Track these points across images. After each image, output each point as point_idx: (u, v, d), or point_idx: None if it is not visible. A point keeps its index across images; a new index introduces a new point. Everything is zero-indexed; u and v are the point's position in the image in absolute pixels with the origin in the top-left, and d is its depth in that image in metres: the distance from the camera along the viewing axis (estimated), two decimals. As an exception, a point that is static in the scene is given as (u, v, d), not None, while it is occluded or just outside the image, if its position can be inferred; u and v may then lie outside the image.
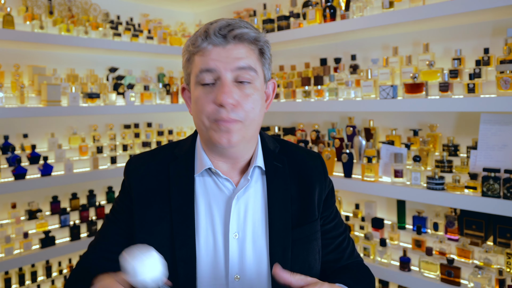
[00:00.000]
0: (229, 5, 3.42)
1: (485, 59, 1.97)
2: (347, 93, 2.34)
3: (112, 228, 1.11)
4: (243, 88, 0.98)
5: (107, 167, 2.82)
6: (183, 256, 1.00)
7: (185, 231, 1.01)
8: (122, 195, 1.13)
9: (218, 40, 0.96)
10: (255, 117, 1.00)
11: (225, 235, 1.03)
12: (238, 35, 0.97)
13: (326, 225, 1.16)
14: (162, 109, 3.07)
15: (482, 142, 1.91)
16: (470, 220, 1.99)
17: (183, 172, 1.07)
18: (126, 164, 1.13)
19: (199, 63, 0.98)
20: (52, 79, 2.64)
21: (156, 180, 1.07)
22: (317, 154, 1.21)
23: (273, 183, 1.08)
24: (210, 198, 1.05)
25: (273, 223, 1.04)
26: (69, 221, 2.65)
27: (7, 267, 2.29)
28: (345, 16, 2.32)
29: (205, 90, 0.98)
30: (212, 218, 1.04)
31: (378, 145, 2.38)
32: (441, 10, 1.88)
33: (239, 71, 0.97)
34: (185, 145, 1.13)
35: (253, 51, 1.00)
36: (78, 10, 2.88)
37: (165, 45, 3.13)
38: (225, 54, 0.96)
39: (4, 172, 2.37)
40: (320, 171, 1.16)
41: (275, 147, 1.15)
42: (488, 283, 1.79)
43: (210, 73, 0.96)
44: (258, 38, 1.01)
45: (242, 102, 0.97)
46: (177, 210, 1.03)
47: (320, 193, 1.13)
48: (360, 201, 2.55)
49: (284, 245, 1.04)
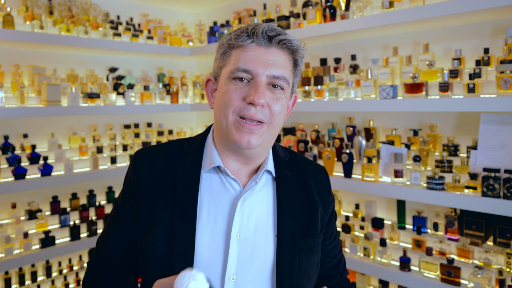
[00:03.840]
0: (229, 5, 3.42)
1: (485, 59, 1.97)
2: (347, 93, 2.34)
3: (119, 231, 1.09)
4: (274, 92, 1.00)
5: (107, 167, 2.82)
6: (181, 251, 0.99)
7: (185, 226, 1.01)
8: (127, 194, 1.10)
9: (263, 41, 0.98)
10: (279, 122, 1.02)
11: (227, 234, 1.02)
12: (283, 41, 1.00)
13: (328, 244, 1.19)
14: (162, 109, 3.07)
15: (482, 142, 1.91)
16: (470, 220, 1.99)
17: (189, 168, 1.06)
18: (133, 157, 1.12)
19: (237, 60, 0.98)
20: (52, 79, 2.64)
21: (162, 175, 1.06)
22: (322, 168, 1.23)
23: (283, 190, 1.08)
24: (215, 196, 1.05)
25: (282, 231, 1.05)
26: (69, 221, 2.65)
27: (7, 267, 2.29)
28: (345, 16, 2.32)
29: (238, 85, 0.98)
30: (215, 216, 1.03)
31: (378, 145, 2.38)
32: (441, 10, 1.88)
33: (274, 79, 0.99)
34: (194, 142, 1.13)
35: (290, 61, 1.03)
36: (78, 10, 2.88)
37: (165, 45, 3.13)
38: (266, 57, 0.98)
39: (4, 172, 2.37)
40: (324, 186, 1.18)
41: (285, 156, 1.16)
42: (488, 283, 1.79)
43: (246, 72, 0.98)
44: (298, 50, 1.05)
45: (271, 104, 0.99)
46: (180, 205, 1.02)
47: (324, 209, 1.16)
48: (360, 201, 2.55)
49: (292, 254, 1.04)
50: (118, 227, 1.10)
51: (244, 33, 0.99)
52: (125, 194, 1.11)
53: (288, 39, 1.00)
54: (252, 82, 0.98)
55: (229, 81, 0.99)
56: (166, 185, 1.05)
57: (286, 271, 1.03)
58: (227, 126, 0.99)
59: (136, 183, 1.07)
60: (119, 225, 1.10)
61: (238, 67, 0.98)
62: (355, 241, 2.27)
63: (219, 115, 1.01)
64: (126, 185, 1.12)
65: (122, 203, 1.11)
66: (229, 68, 1.00)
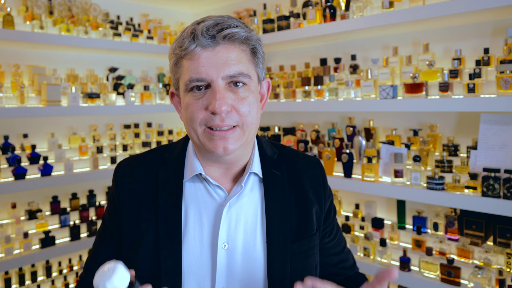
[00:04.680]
0: (229, 5, 3.42)
1: (485, 59, 1.97)
2: (347, 93, 2.34)
3: (105, 248, 1.06)
4: (237, 92, 0.92)
5: (107, 167, 2.81)
6: (167, 268, 0.94)
7: (170, 241, 0.95)
8: (111, 211, 1.06)
9: (206, 42, 0.89)
10: (252, 120, 0.94)
11: (212, 245, 0.97)
12: (228, 35, 0.90)
13: (329, 242, 1.12)
14: (162, 109, 3.07)
15: (482, 142, 1.91)
16: (470, 220, 1.99)
17: (172, 178, 1.01)
18: (114, 171, 1.07)
19: (189, 70, 0.92)
20: (52, 79, 2.64)
21: (144, 187, 1.01)
22: (316, 160, 1.15)
23: (272, 192, 1.02)
24: (200, 205, 0.99)
25: (272, 236, 0.98)
26: (69, 221, 2.65)
27: (7, 267, 2.29)
28: (345, 16, 2.32)
29: (196, 96, 0.92)
30: (201, 227, 0.98)
31: (378, 145, 2.38)
32: (441, 10, 1.88)
33: (231, 78, 0.91)
34: (175, 149, 1.07)
35: (244, 52, 0.94)
36: (78, 10, 2.88)
37: (165, 45, 3.13)
38: (215, 58, 0.90)
39: (4, 172, 2.37)
40: (319, 182, 1.10)
41: (273, 153, 1.09)
42: (488, 283, 1.79)
43: (200, 81, 0.91)
44: (250, 37, 0.94)
45: (237, 106, 0.91)
46: (164, 219, 0.97)
47: (320, 206, 1.08)
48: (360, 201, 2.55)
49: (283, 260, 0.98)
50: (104, 243, 1.06)
51: (186, 39, 0.91)
52: (110, 210, 1.07)
53: (233, 31, 0.90)
54: (209, 89, 0.91)
55: (187, 93, 0.93)
56: (149, 198, 1.00)
57: (277, 280, 0.97)
58: (198, 138, 0.94)
59: (118, 198, 1.03)
60: (105, 241, 1.06)
61: (191, 78, 0.91)
62: (355, 241, 2.27)
63: (188, 130, 0.96)
64: (110, 200, 1.08)
65: (107, 218, 1.07)
66: (184, 80, 0.93)
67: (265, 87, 1.06)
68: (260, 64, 1.00)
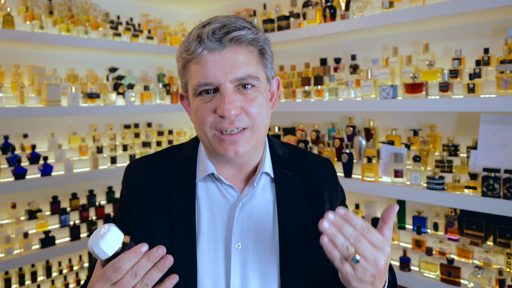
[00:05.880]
0: (229, 5, 3.42)
1: (485, 59, 1.97)
2: (347, 93, 2.34)
3: None
4: (246, 93, 0.92)
5: (107, 167, 2.82)
6: (183, 268, 0.93)
7: (185, 241, 0.95)
8: (123, 211, 1.05)
9: (213, 45, 0.89)
10: (262, 122, 0.94)
11: (226, 245, 0.97)
12: (234, 37, 0.89)
13: None
14: (162, 109, 3.07)
15: (482, 142, 1.91)
16: (470, 220, 1.99)
17: (184, 178, 1.01)
18: (125, 171, 1.07)
19: (196, 74, 0.92)
20: (52, 79, 2.64)
21: (156, 187, 1.01)
22: (327, 160, 1.15)
23: (283, 192, 1.02)
24: (213, 206, 0.99)
25: (284, 235, 0.98)
26: (69, 221, 2.65)
27: (7, 267, 2.29)
28: (345, 16, 2.32)
29: (205, 99, 0.92)
30: (215, 227, 0.98)
31: (378, 145, 2.38)
32: (441, 10, 1.88)
33: (239, 81, 0.91)
34: (187, 149, 1.07)
35: (252, 53, 0.93)
36: (78, 10, 2.88)
37: (165, 45, 3.13)
38: (222, 61, 0.89)
39: (4, 172, 2.37)
40: (330, 181, 1.11)
41: (284, 153, 1.09)
42: (488, 283, 1.79)
43: (209, 85, 0.91)
44: (257, 38, 0.93)
45: (246, 107, 0.91)
46: (177, 219, 0.97)
47: (332, 205, 1.08)
48: (360, 201, 2.55)
49: (295, 259, 0.98)
50: None
51: (192, 42, 0.91)
52: (121, 209, 1.06)
53: (240, 34, 0.89)
54: (218, 92, 0.91)
55: (196, 97, 0.94)
56: (161, 198, 1.00)
57: (291, 279, 0.97)
58: (209, 142, 0.95)
59: (129, 199, 1.03)
60: None
61: (199, 83, 0.91)
62: (355, 241, 2.27)
63: (199, 133, 0.96)
64: (121, 200, 1.07)
65: (118, 217, 1.07)
66: (192, 84, 0.93)
67: (275, 85, 1.06)
68: (269, 64, 0.99)
